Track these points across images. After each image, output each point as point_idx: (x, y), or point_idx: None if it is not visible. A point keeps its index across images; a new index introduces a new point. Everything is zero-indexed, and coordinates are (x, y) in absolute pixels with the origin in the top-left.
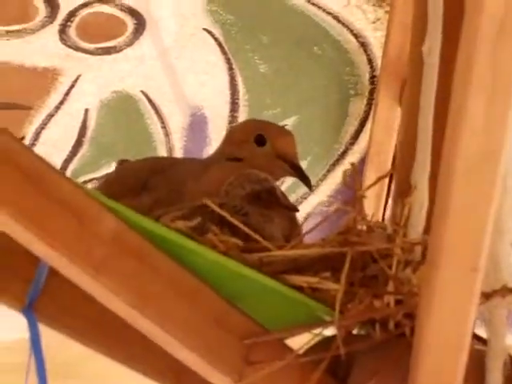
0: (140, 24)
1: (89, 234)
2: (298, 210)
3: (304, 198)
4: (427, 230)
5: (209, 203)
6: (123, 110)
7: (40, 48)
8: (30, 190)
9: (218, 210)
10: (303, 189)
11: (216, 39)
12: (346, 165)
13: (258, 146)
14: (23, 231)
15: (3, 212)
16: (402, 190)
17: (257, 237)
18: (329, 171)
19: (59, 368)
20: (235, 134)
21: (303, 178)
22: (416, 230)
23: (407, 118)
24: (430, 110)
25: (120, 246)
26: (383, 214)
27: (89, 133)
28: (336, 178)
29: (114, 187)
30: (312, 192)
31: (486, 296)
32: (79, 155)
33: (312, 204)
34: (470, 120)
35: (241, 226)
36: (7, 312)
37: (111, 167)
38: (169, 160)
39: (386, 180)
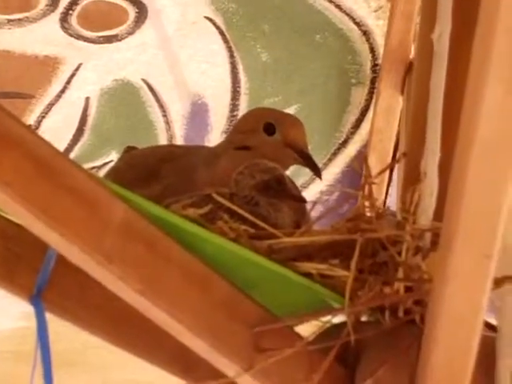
0: (141, 12)
1: (99, 222)
2: (305, 202)
3: (304, 186)
4: (437, 216)
5: (215, 196)
6: (124, 98)
7: (41, 37)
8: (41, 178)
9: (225, 202)
10: (303, 177)
11: (218, 28)
12: (347, 153)
13: (267, 135)
14: (34, 220)
15: (14, 201)
16: (411, 176)
17: (265, 225)
18: (330, 160)
19: (63, 355)
20: (244, 123)
21: (313, 167)
22: (426, 216)
23: (415, 104)
24: (439, 97)
25: (130, 233)
26: (385, 201)
27: (90, 121)
28: (337, 167)
29: (123, 175)
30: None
31: (497, 282)
32: (80, 143)
33: (313, 192)
34: (486, 108)
35: (248, 216)
36: (6, 300)
37: (112, 155)
38: (178, 148)
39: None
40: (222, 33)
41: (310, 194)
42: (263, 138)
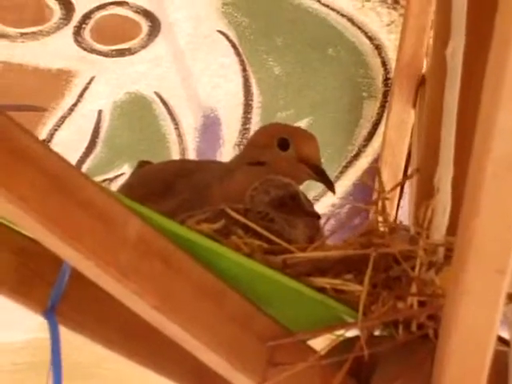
0: (154, 26)
1: (114, 237)
2: (319, 217)
3: (316, 199)
4: (450, 231)
5: (229, 211)
6: (137, 111)
7: (55, 50)
8: (56, 193)
9: (239, 217)
10: (315, 191)
11: (230, 41)
12: (358, 166)
13: (281, 150)
14: (48, 235)
15: (29, 215)
16: (424, 191)
17: (279, 241)
18: (341, 173)
19: (79, 368)
20: (258, 138)
21: (327, 183)
22: (439, 231)
23: (428, 119)
24: (453, 113)
25: (145, 248)
26: (396, 215)
27: (102, 134)
28: (349, 180)
29: (137, 190)
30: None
31: (510, 297)
32: (92, 156)
33: (324, 206)
34: (499, 125)
35: (262, 231)
36: (19, 312)
37: (124, 168)
38: (193, 163)
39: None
40: (234, 46)
41: (321, 206)
42: (277, 154)
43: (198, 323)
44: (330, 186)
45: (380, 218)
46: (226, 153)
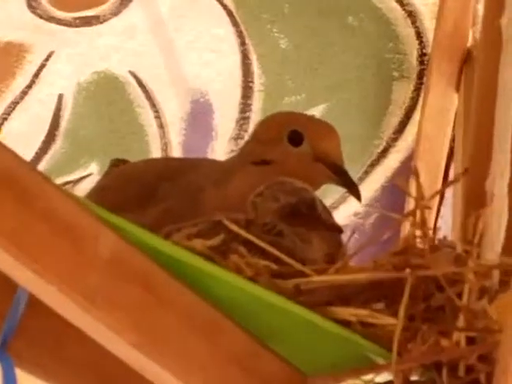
0: None
1: (82, 255)
2: (341, 231)
3: (334, 207)
4: (507, 249)
5: (227, 223)
6: (107, 95)
7: (4, 18)
8: (10, 201)
9: (240, 231)
10: (332, 197)
11: (225, 7)
12: (387, 165)
13: (292, 146)
14: (1, 253)
15: None
16: (474, 198)
17: (291, 261)
18: (366, 173)
19: None
20: (263, 131)
21: (350, 187)
22: (493, 249)
23: (478, 106)
24: (510, 97)
25: (121, 270)
26: (434, 226)
27: (63, 124)
28: (375, 183)
29: (111, 196)
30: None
31: None
32: (51, 152)
33: (344, 215)
34: None
35: (270, 248)
36: None
37: (91, 167)
38: (180, 162)
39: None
40: (230, 14)
41: (341, 217)
42: (288, 150)
43: (186, 363)
44: (354, 190)
45: (418, 232)
46: (220, 148)
